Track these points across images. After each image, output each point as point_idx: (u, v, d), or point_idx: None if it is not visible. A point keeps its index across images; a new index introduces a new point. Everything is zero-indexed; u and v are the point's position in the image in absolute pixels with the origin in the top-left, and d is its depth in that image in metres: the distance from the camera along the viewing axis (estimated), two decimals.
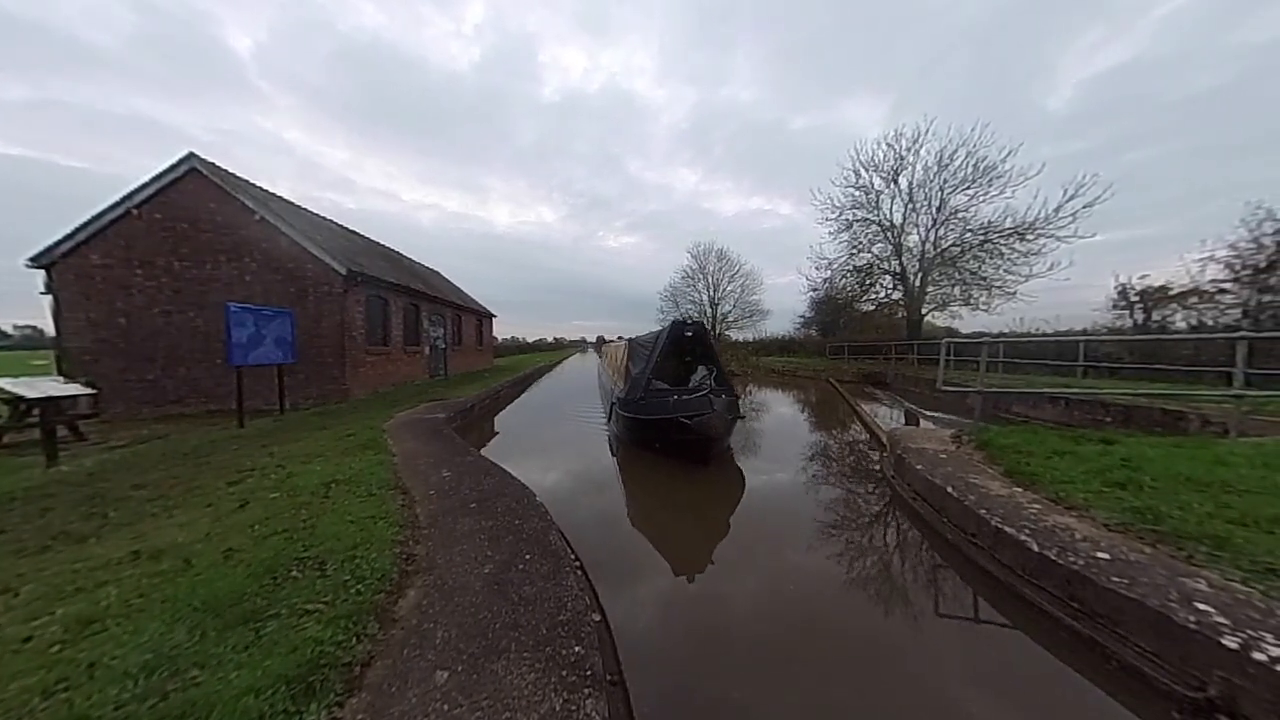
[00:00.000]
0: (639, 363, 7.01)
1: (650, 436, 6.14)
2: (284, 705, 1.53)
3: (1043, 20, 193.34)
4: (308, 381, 9.51)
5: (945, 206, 19.42)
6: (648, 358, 6.60)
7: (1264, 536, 2.48)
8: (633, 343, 8.49)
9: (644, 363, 6.60)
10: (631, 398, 6.35)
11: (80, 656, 1.79)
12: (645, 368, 6.45)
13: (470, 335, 19.90)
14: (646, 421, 6.02)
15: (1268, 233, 11.65)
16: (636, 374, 6.64)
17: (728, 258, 37.36)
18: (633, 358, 7.88)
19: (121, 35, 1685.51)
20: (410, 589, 2.35)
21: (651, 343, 6.92)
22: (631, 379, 6.77)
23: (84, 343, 9.24)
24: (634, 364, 7.47)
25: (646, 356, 6.70)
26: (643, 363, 6.68)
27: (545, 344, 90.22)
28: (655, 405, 5.87)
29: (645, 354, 6.87)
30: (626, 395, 6.67)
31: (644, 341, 7.62)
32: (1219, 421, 6.01)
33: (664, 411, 5.65)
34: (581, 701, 1.59)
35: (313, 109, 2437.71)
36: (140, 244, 9.36)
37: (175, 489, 4.04)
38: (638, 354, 7.48)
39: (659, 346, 6.50)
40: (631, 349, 8.19)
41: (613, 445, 7.14)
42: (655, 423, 5.82)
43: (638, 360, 7.23)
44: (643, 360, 6.77)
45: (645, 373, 6.33)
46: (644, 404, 6.08)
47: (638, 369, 6.77)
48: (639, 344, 7.88)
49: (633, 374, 6.97)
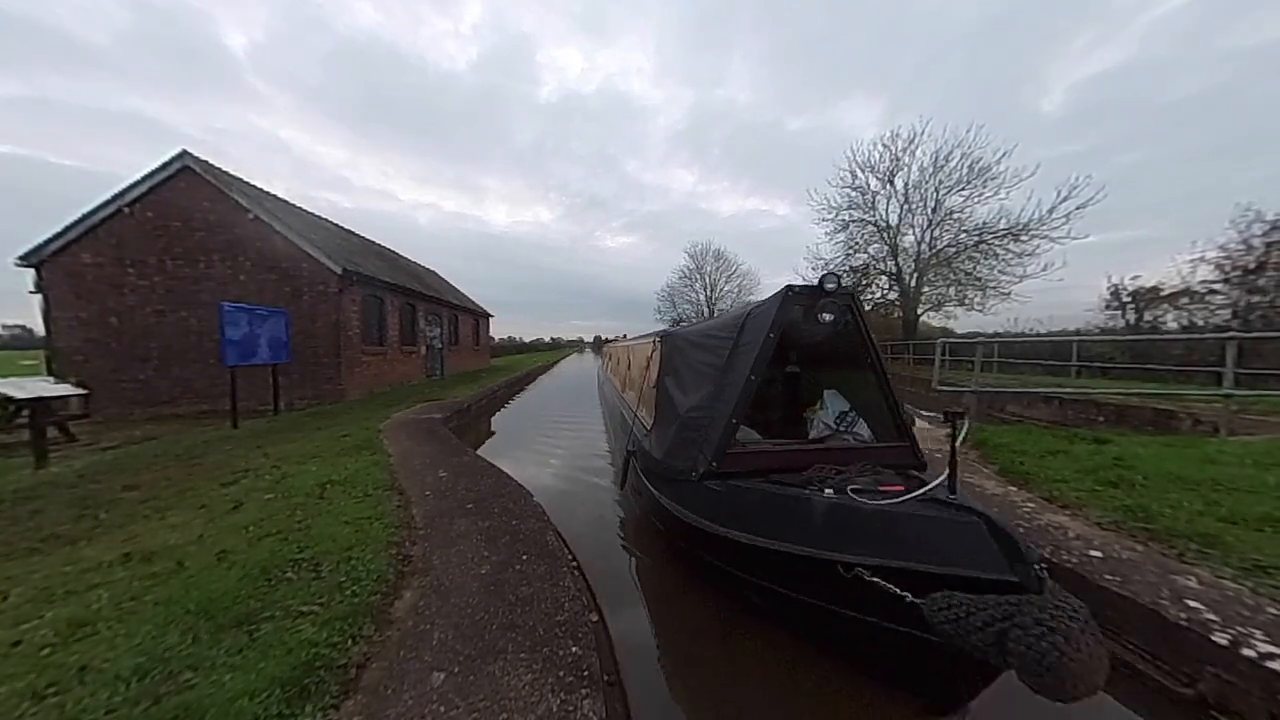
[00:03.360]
0: (693, 379, 3.34)
1: (743, 569, 2.44)
2: (279, 708, 1.52)
3: (1035, 24, 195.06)
4: (303, 382, 9.44)
5: (940, 207, 19.54)
6: (720, 370, 2.98)
7: (1253, 534, 2.51)
8: (670, 340, 4.06)
9: (709, 383, 3.02)
10: (682, 464, 2.84)
11: (71, 660, 1.77)
12: (718, 396, 2.87)
13: (467, 335, 19.83)
14: (738, 547, 2.27)
15: (1257, 234, 11.79)
16: (695, 407, 3.02)
17: (725, 258, 37.49)
18: (674, 369, 3.77)
19: (116, 32, 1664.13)
20: (406, 590, 2.34)
21: (724, 335, 3.15)
22: (682, 417, 3.10)
23: (74, 342, 9.14)
24: (677, 380, 3.60)
25: (712, 368, 3.09)
26: (706, 382, 3.08)
27: (543, 344, 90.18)
28: (778, 510, 2.24)
29: (709, 363, 3.18)
30: (669, 450, 3.10)
31: (702, 336, 3.54)
32: (1209, 420, 6.08)
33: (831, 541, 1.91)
34: (579, 702, 1.59)
35: (309, 108, 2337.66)
36: (132, 242, 9.27)
37: (168, 490, 4.00)
38: (687, 363, 3.58)
39: (758, 345, 2.77)
40: (670, 351, 3.97)
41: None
42: (772, 559, 2.14)
43: (689, 374, 3.44)
44: (705, 377, 3.13)
45: (725, 409, 2.75)
46: (726, 500, 2.49)
47: (692, 394, 3.19)
48: (689, 341, 3.71)
49: (680, 403, 3.27)
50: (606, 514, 4.43)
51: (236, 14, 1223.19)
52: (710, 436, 2.71)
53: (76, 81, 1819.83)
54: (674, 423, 3.21)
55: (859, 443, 3.01)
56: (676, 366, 3.72)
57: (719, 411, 2.75)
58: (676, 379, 3.61)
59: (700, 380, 3.18)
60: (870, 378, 3.04)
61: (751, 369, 2.71)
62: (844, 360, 3.35)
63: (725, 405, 2.73)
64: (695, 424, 2.91)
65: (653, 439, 3.58)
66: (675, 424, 3.17)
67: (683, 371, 3.56)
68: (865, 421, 3.19)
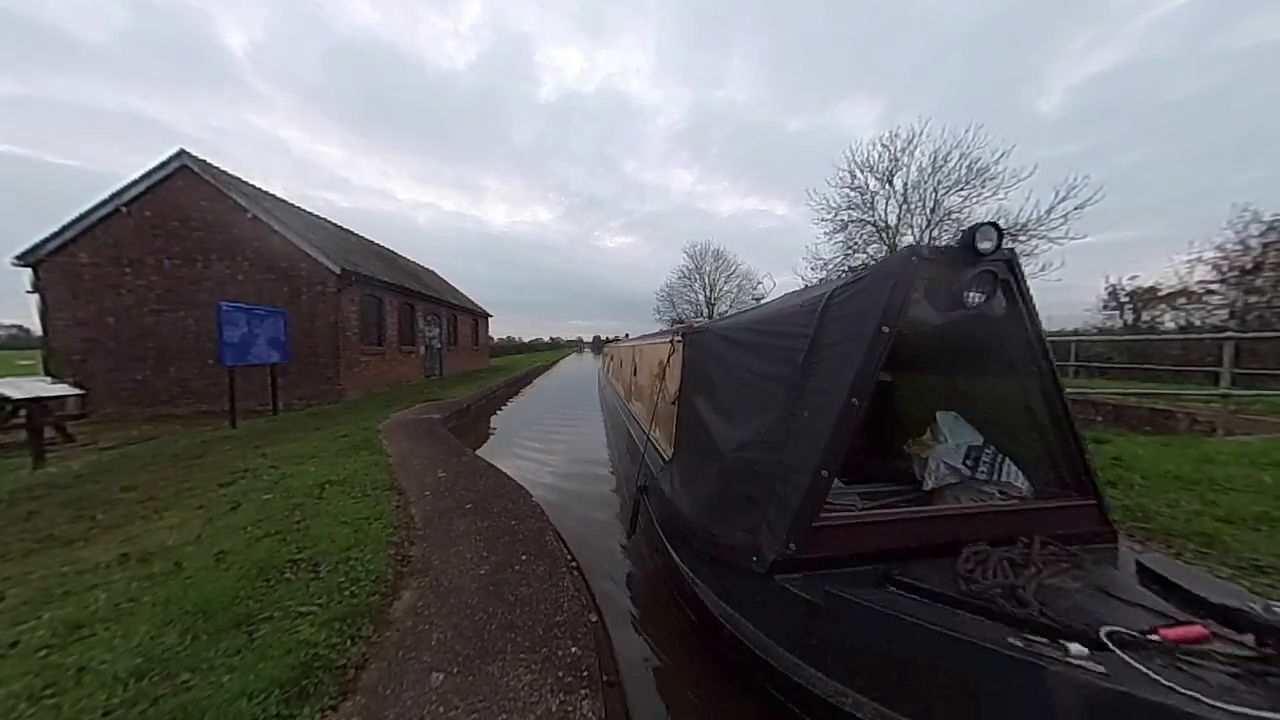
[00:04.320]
0: (740, 397, 2.23)
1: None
2: (277, 709, 1.52)
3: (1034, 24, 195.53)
4: (301, 382, 9.42)
5: (939, 208, 19.54)
6: (789, 385, 1.84)
7: (1250, 533, 2.52)
8: (699, 339, 2.84)
9: (772, 406, 1.91)
10: (731, 536, 1.83)
11: (68, 661, 1.77)
12: (792, 429, 1.74)
13: (466, 335, 19.80)
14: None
15: (1254, 235, 11.82)
16: (750, 444, 1.95)
17: (724, 258, 37.43)
18: (705, 380, 2.62)
19: (115, 32, 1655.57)
20: (405, 590, 2.33)
21: (792, 329, 1.95)
22: (728, 457, 2.05)
23: (72, 342, 9.11)
24: (711, 397, 2.47)
25: (775, 382, 1.95)
26: (766, 404, 1.96)
27: (542, 344, 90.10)
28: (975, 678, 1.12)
29: (768, 373, 2.05)
30: (706, 508, 2.10)
31: (753, 331, 2.33)
32: (1206, 420, 6.09)
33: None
34: (578, 703, 1.59)
35: (308, 107, 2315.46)
36: (130, 242, 9.24)
37: (166, 491, 3.99)
38: (728, 372, 2.40)
39: (862, 346, 1.61)
40: (699, 354, 2.78)
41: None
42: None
43: (734, 389, 2.32)
44: (762, 396, 2.04)
45: (806, 453, 1.64)
46: (835, 627, 1.41)
47: (741, 422, 2.11)
48: (730, 339, 2.48)
49: (719, 433, 2.23)
50: (606, 513, 4.43)
51: (235, 13, 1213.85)
52: (782, 498, 1.64)
53: (75, 80, 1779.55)
54: (710, 462, 2.16)
55: (1016, 500, 1.91)
56: (711, 377, 2.51)
57: (797, 456, 1.66)
58: (711, 395, 2.44)
59: (753, 400, 2.06)
60: (1027, 392, 1.97)
61: (853, 387, 1.57)
62: (976, 363, 2.21)
63: (808, 447, 1.63)
64: (751, 472, 1.83)
65: (674, 477, 2.57)
66: (714, 466, 2.11)
67: (722, 385, 2.38)
68: (1013, 461, 2.02)
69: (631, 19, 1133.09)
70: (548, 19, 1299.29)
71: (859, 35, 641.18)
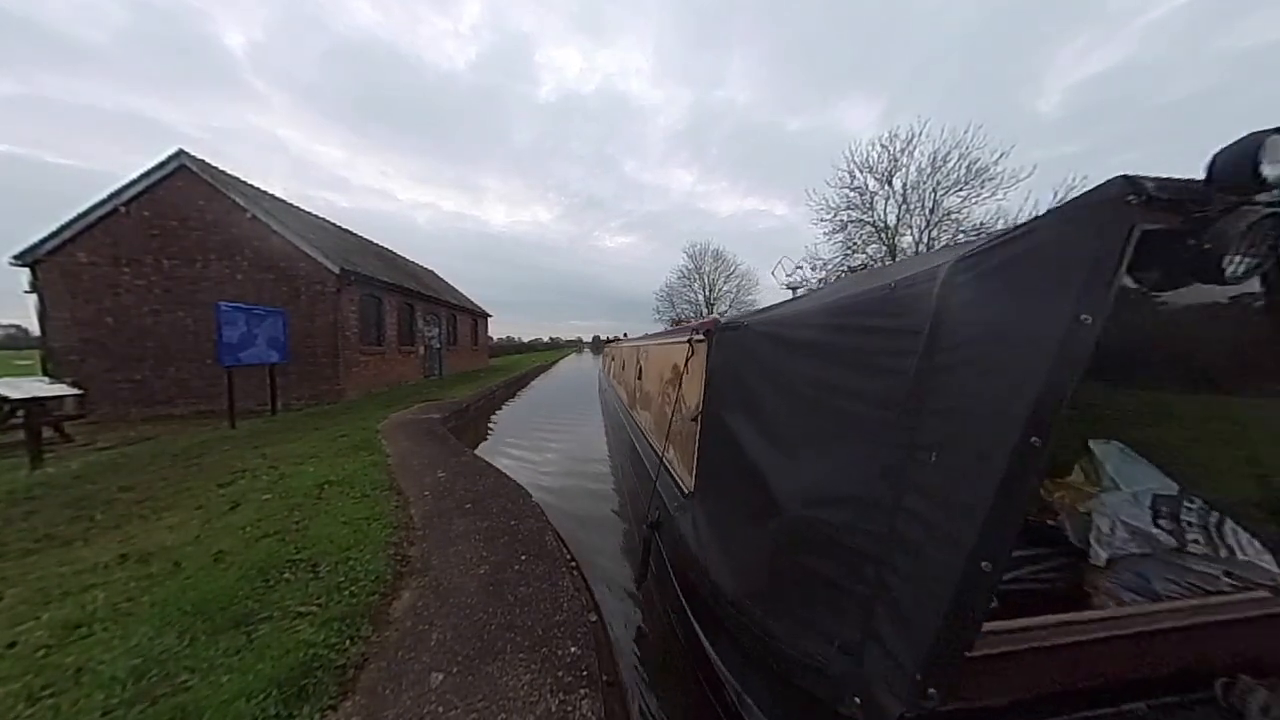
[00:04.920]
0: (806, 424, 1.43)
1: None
2: (276, 709, 1.52)
3: (1034, 25, 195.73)
4: (300, 382, 9.41)
5: (939, 208, 19.61)
6: (898, 409, 1.06)
7: None
8: (731, 338, 2.05)
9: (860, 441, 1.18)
10: (806, 645, 1.10)
11: (67, 661, 1.76)
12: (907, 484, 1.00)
13: (466, 335, 19.80)
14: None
15: None
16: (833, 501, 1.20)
17: (724, 258, 37.48)
18: (748, 394, 1.79)
19: (114, 31, 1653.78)
20: (405, 590, 2.33)
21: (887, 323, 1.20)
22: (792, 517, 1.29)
23: (70, 342, 9.08)
24: (756, 418, 1.67)
25: (871, 405, 1.16)
26: (863, 437, 1.17)
27: (541, 344, 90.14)
28: None
29: (851, 389, 1.25)
30: (759, 592, 1.34)
31: (824, 327, 1.46)
32: None
33: None
34: (578, 703, 1.59)
35: (307, 107, 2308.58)
36: (128, 242, 9.22)
37: (164, 491, 3.98)
38: (780, 385, 1.59)
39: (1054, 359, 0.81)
40: (734, 358, 1.98)
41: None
42: None
43: (791, 412, 1.51)
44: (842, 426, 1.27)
45: (950, 531, 0.89)
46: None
47: (809, 459, 1.34)
48: (782, 339, 1.64)
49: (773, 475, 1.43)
50: (606, 512, 4.42)
51: (235, 13, 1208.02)
52: (901, 600, 0.97)
53: (74, 80, 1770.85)
54: (757, 513, 1.47)
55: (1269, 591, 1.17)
56: (751, 387, 1.79)
57: (923, 529, 0.97)
58: (753, 415, 1.71)
59: (825, 426, 1.36)
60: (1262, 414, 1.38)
61: (1031, 417, 0.83)
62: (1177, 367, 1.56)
63: (942, 515, 0.94)
64: (832, 543, 1.16)
65: (697, 520, 1.93)
66: (764, 519, 1.42)
67: (771, 401, 1.65)
68: (1234, 521, 1.32)
69: (631, 19, 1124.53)
70: (547, 19, 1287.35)
71: (859, 35, 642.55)
